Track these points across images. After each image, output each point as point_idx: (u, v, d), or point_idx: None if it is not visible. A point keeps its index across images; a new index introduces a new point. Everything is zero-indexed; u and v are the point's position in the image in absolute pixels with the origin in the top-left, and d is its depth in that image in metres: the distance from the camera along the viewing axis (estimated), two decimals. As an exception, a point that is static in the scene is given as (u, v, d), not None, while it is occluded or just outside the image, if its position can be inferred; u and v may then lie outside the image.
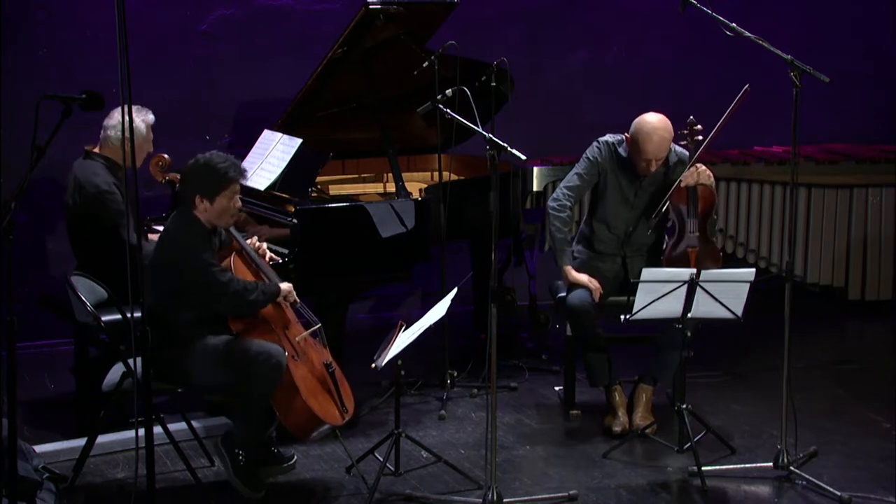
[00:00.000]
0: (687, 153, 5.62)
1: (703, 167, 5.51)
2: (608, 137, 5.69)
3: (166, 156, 5.51)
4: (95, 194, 5.56)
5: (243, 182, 4.88)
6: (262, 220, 5.70)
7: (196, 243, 4.73)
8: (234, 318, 4.83)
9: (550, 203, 5.63)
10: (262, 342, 4.75)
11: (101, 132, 5.71)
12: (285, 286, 4.92)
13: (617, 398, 5.61)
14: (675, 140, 5.57)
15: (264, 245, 5.12)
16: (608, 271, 5.68)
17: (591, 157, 5.66)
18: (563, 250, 5.58)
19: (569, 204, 5.60)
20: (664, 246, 5.72)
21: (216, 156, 4.79)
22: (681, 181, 5.49)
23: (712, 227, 5.66)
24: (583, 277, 5.54)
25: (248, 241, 5.06)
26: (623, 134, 5.62)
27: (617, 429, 5.52)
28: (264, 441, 4.94)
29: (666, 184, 5.62)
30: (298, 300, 4.99)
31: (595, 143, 5.69)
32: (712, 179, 5.56)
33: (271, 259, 5.12)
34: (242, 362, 4.69)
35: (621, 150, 5.62)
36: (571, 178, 5.67)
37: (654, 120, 5.48)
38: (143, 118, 5.73)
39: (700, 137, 5.50)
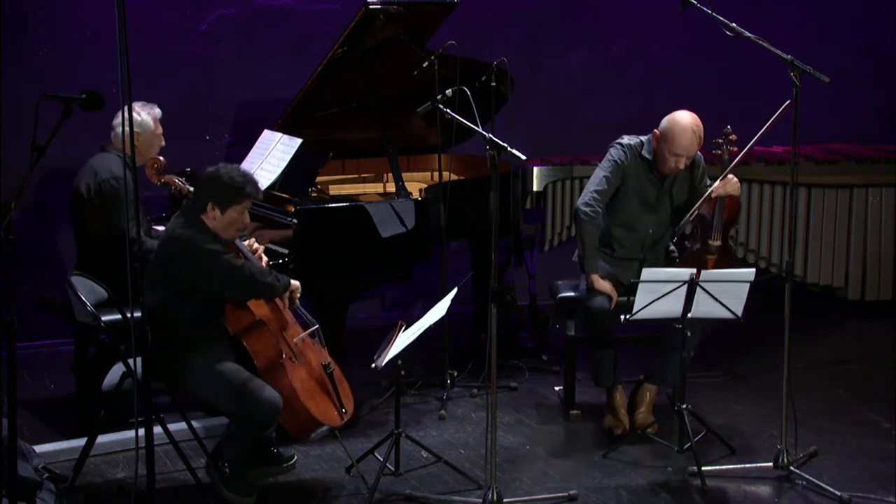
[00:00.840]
0: (701, 155, 5.63)
1: (735, 178, 5.49)
2: (627, 140, 5.62)
3: (161, 158, 5.51)
4: (110, 180, 5.55)
5: (257, 200, 4.91)
6: (263, 221, 5.70)
7: (202, 238, 4.75)
8: (233, 316, 4.82)
9: (582, 208, 5.53)
10: (262, 384, 4.72)
11: (112, 131, 5.72)
12: (295, 282, 4.95)
13: (618, 398, 5.60)
14: (710, 149, 5.57)
15: (261, 249, 5.12)
16: (624, 277, 5.63)
17: (617, 160, 5.58)
18: (594, 258, 5.53)
19: (600, 210, 5.55)
20: (675, 250, 5.71)
21: (237, 170, 4.82)
22: (711, 192, 5.47)
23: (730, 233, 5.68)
24: (607, 286, 5.51)
25: (247, 243, 5.06)
26: (640, 137, 5.60)
27: (618, 431, 5.52)
28: (264, 442, 4.94)
29: (684, 185, 5.63)
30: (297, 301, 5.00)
31: (618, 146, 5.61)
32: (739, 189, 5.55)
33: (267, 263, 5.11)
34: (238, 400, 4.69)
35: (644, 153, 5.58)
36: (600, 182, 5.57)
37: (688, 116, 5.47)
38: (148, 112, 5.75)
39: (735, 148, 5.48)
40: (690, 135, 5.43)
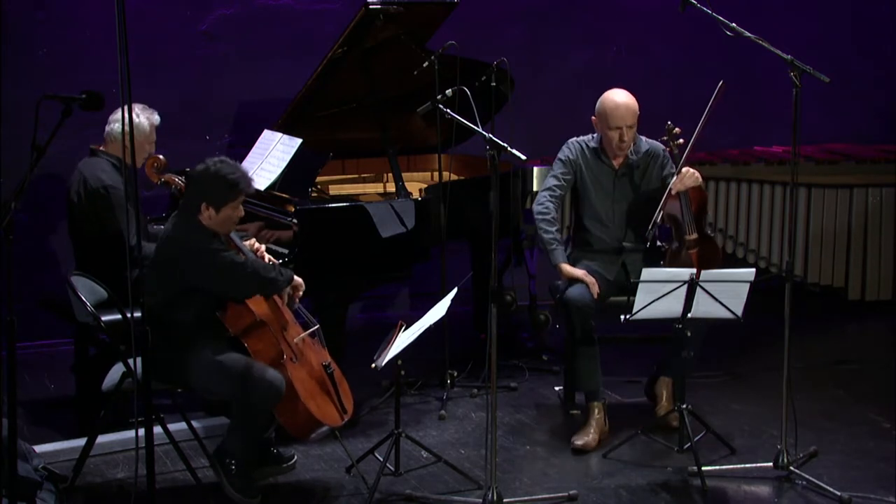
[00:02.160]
0: (658, 144, 5.69)
1: (690, 169, 5.49)
2: (574, 138, 5.76)
3: (161, 157, 5.51)
4: (100, 189, 5.56)
5: (250, 193, 4.89)
6: (265, 221, 5.70)
7: (200, 237, 4.73)
8: (233, 316, 4.81)
9: (535, 207, 5.63)
10: (263, 367, 4.73)
11: (106, 127, 5.71)
12: (298, 278, 4.94)
13: (596, 413, 5.48)
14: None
15: (262, 248, 5.11)
16: (608, 272, 5.66)
17: (562, 158, 5.71)
18: (554, 249, 5.55)
19: (552, 205, 5.60)
20: (663, 249, 5.71)
21: (227, 165, 4.76)
22: (670, 189, 5.48)
23: (705, 223, 5.68)
24: (578, 272, 5.51)
25: (248, 242, 5.05)
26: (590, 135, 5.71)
27: (579, 443, 5.38)
28: (264, 442, 4.93)
29: (649, 176, 5.66)
30: (292, 304, 4.99)
31: (564, 145, 5.76)
32: (700, 179, 5.53)
33: (269, 261, 5.11)
34: (241, 385, 4.69)
35: (592, 144, 5.69)
36: (548, 182, 5.69)
37: (617, 92, 5.61)
38: (147, 116, 5.73)
39: (681, 141, 5.51)
40: (623, 106, 5.55)
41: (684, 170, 5.46)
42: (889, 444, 5.43)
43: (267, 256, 5.10)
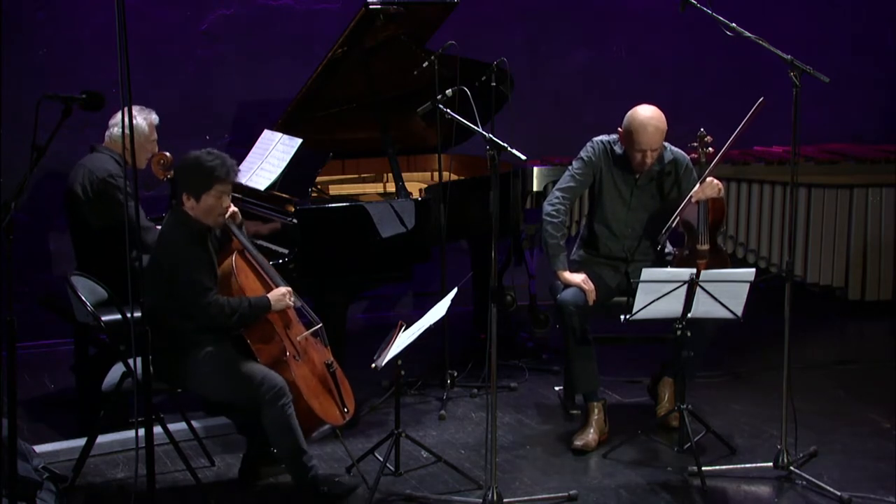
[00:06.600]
0: (681, 152, 5.61)
1: (714, 180, 5.43)
2: (602, 137, 5.65)
3: (168, 154, 5.51)
4: (106, 178, 5.58)
5: (233, 181, 4.78)
6: (262, 220, 5.70)
7: (189, 251, 4.67)
8: None
9: (546, 207, 5.55)
10: (265, 370, 4.69)
11: (106, 131, 5.74)
12: (275, 296, 4.82)
13: (596, 413, 5.48)
14: (686, 153, 5.59)
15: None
16: (610, 279, 5.64)
17: (584, 158, 5.61)
18: (557, 256, 5.51)
19: (563, 208, 5.53)
20: (670, 255, 5.68)
21: (206, 153, 4.71)
22: (691, 197, 5.43)
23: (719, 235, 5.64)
24: (577, 278, 5.48)
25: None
26: (617, 132, 5.58)
27: (579, 443, 5.39)
28: (264, 441, 4.92)
29: (671, 185, 5.60)
30: (295, 302, 4.95)
31: (589, 143, 5.65)
32: (722, 190, 5.49)
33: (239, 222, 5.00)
34: (246, 391, 4.67)
35: (616, 148, 5.58)
36: (565, 180, 5.61)
37: (647, 111, 5.45)
38: (145, 117, 5.76)
39: (711, 150, 5.46)
40: (651, 130, 5.42)
41: (708, 179, 5.39)
42: (889, 444, 5.43)
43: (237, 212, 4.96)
